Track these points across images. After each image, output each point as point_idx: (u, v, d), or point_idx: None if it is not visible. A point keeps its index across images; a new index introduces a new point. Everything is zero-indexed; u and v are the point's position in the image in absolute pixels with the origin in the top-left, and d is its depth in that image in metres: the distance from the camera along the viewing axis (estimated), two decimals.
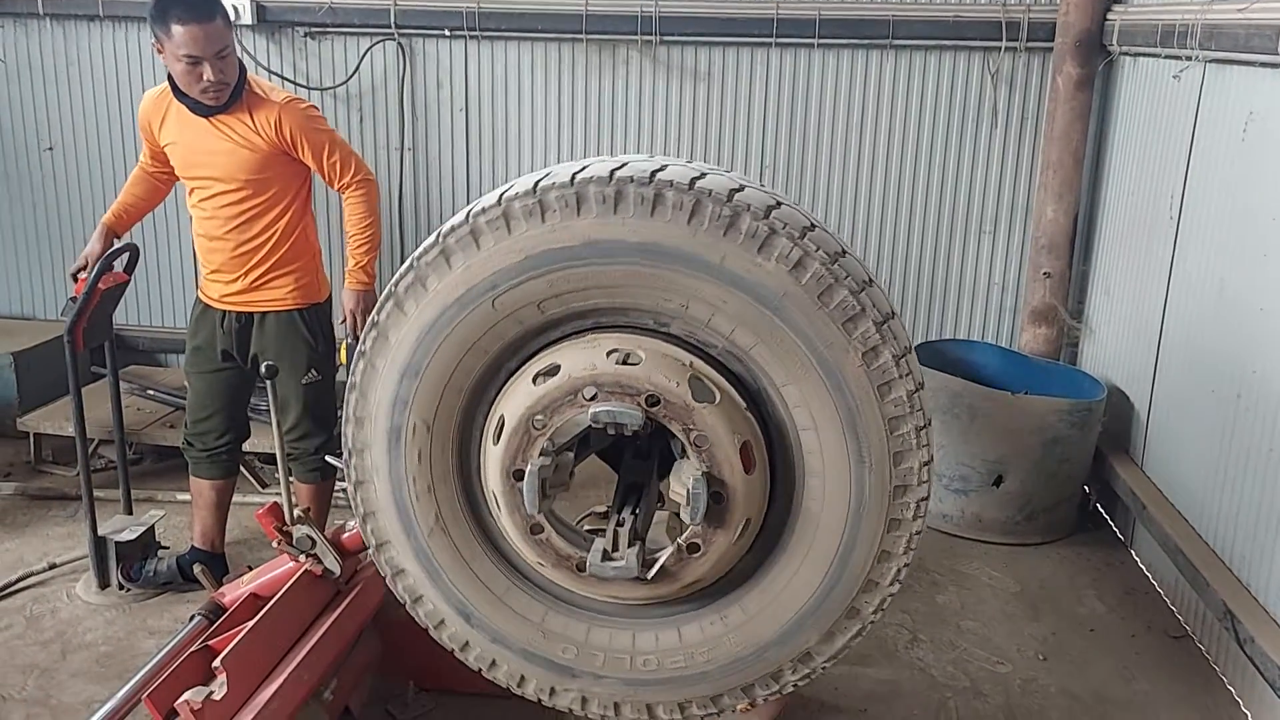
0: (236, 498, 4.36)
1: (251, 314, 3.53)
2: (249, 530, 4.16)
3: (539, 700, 2.41)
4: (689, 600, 2.29)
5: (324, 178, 3.47)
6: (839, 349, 2.03)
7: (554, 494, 2.18)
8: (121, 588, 3.72)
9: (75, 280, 3.59)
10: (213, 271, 3.52)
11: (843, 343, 2.03)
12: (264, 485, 4.68)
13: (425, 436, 2.20)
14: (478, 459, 2.25)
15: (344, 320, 3.54)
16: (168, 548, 3.92)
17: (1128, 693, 3.33)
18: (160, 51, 3.25)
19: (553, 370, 2.09)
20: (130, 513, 3.99)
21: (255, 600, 3.02)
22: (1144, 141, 4.40)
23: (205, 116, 3.34)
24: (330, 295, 3.66)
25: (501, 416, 2.13)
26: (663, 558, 2.16)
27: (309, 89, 5.23)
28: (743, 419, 2.09)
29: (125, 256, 3.64)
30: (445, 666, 3.11)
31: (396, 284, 2.16)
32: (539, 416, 2.08)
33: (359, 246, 3.49)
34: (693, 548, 2.13)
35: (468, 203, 2.50)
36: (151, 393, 5.08)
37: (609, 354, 2.08)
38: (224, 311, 3.55)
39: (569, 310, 2.11)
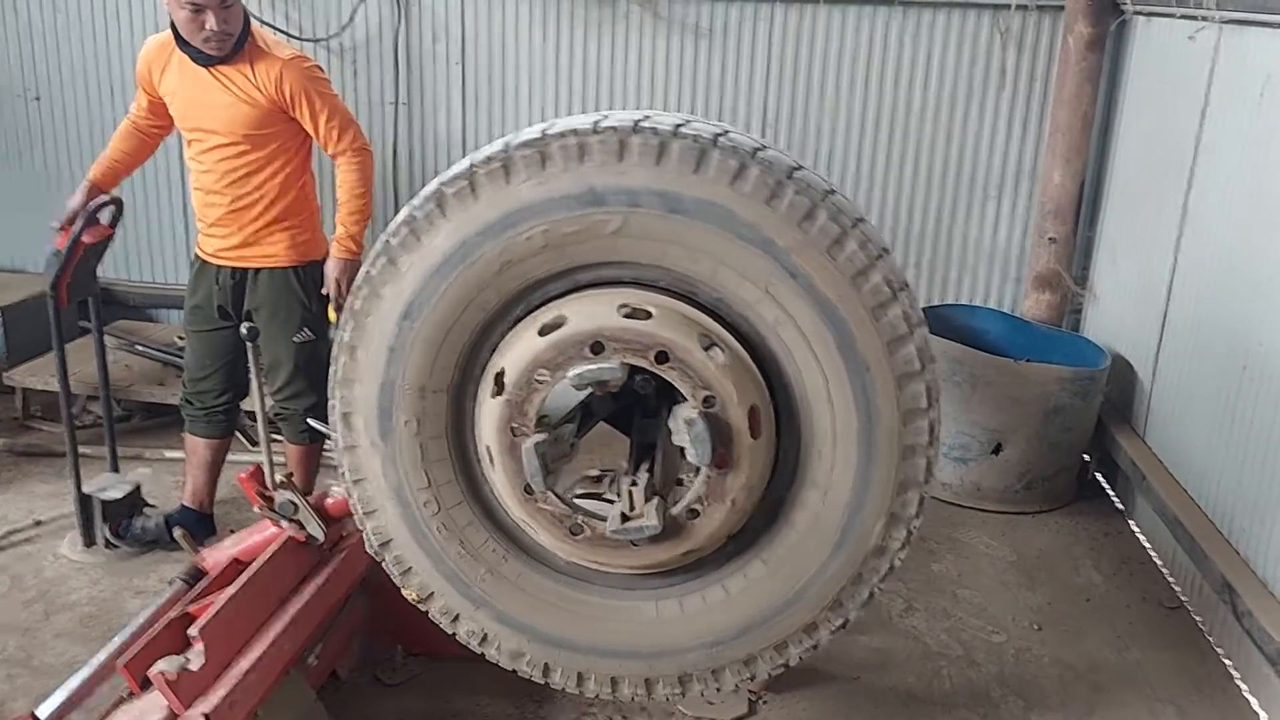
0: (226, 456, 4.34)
1: (246, 270, 3.46)
2: (237, 490, 4.07)
3: (533, 677, 2.35)
4: (692, 569, 2.23)
5: (318, 141, 3.38)
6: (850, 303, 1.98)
7: (557, 467, 2.13)
8: (108, 545, 3.67)
9: (59, 234, 3.50)
10: (210, 226, 3.44)
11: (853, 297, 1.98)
12: (253, 444, 4.62)
13: (418, 398, 2.13)
14: (472, 417, 2.17)
15: (327, 291, 3.46)
16: (155, 506, 3.87)
17: (1121, 662, 3.30)
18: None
19: (559, 322, 2.01)
20: (117, 470, 3.93)
21: (237, 565, 2.96)
22: (1156, 105, 4.31)
23: (206, 67, 3.25)
24: (326, 254, 3.58)
25: (501, 369, 2.04)
26: (681, 505, 2.09)
27: (300, 40, 5.10)
28: (751, 378, 2.03)
29: (110, 210, 3.55)
30: (434, 630, 3.10)
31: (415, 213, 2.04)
32: (543, 370, 2.00)
33: (349, 215, 3.40)
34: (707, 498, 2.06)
35: (464, 157, 2.42)
36: (140, 349, 5.01)
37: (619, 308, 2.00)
38: (219, 267, 3.47)
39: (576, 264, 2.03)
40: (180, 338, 5.16)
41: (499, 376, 2.03)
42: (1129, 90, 4.62)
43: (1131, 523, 4.20)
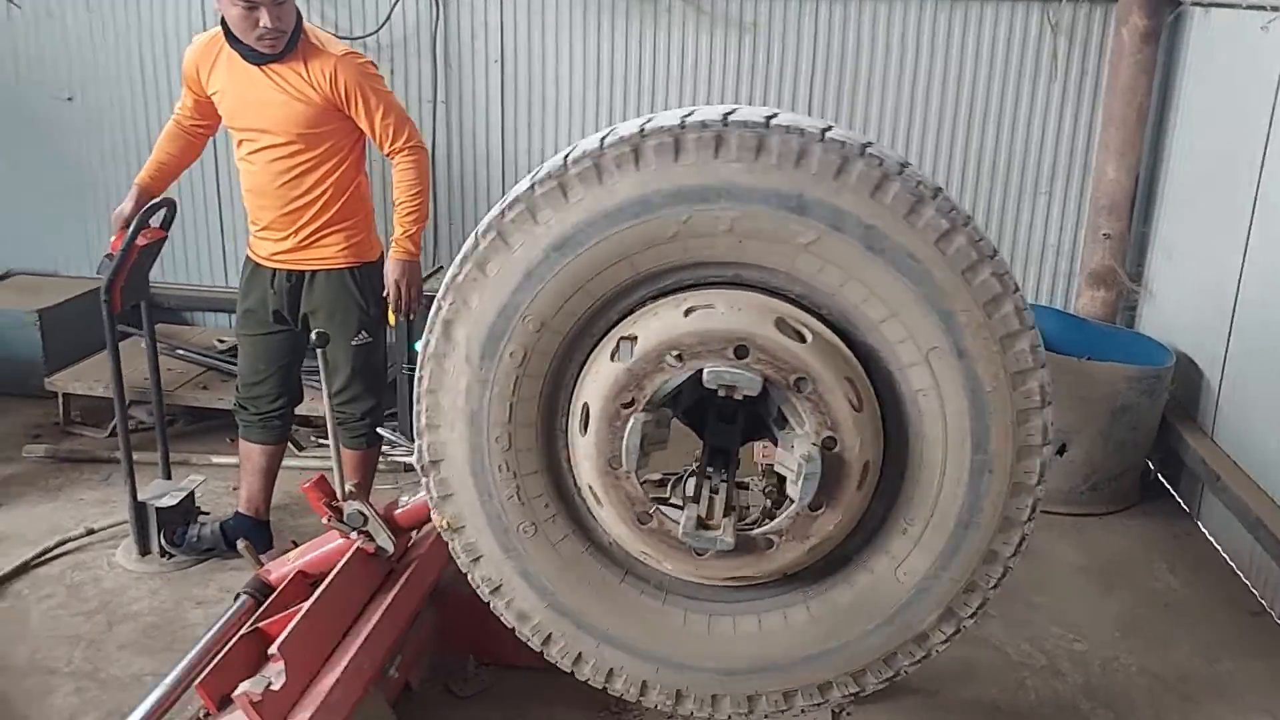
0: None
1: (302, 272, 3.38)
2: (290, 496, 4.02)
3: (626, 696, 2.28)
4: (797, 577, 2.16)
5: (374, 139, 3.29)
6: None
7: (649, 451, 2.04)
8: (163, 554, 3.60)
9: (112, 239, 3.43)
10: (262, 228, 3.36)
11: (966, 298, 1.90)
12: (300, 449, 4.55)
13: (505, 412, 2.04)
14: (565, 449, 2.11)
15: (387, 293, 3.38)
16: (208, 513, 3.79)
17: (1212, 673, 3.22)
18: None
19: (705, 308, 1.93)
20: (169, 477, 3.86)
21: (303, 578, 2.90)
22: (1220, 98, 4.21)
23: (258, 65, 3.17)
24: (382, 255, 3.50)
25: (633, 336, 1.96)
26: (759, 530, 2.03)
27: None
28: (875, 432, 1.96)
29: (162, 212, 3.48)
30: (507, 640, 3.03)
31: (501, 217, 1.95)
32: (676, 353, 1.91)
33: (407, 215, 3.31)
34: (789, 533, 2.01)
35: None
36: (181, 352, 4.94)
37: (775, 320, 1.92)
38: (274, 270, 3.40)
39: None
40: (221, 340, 5.11)
41: (628, 341, 1.94)
42: (1186, 83, 4.53)
43: (1200, 524, 4.11)
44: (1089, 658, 3.27)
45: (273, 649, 2.42)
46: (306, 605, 2.58)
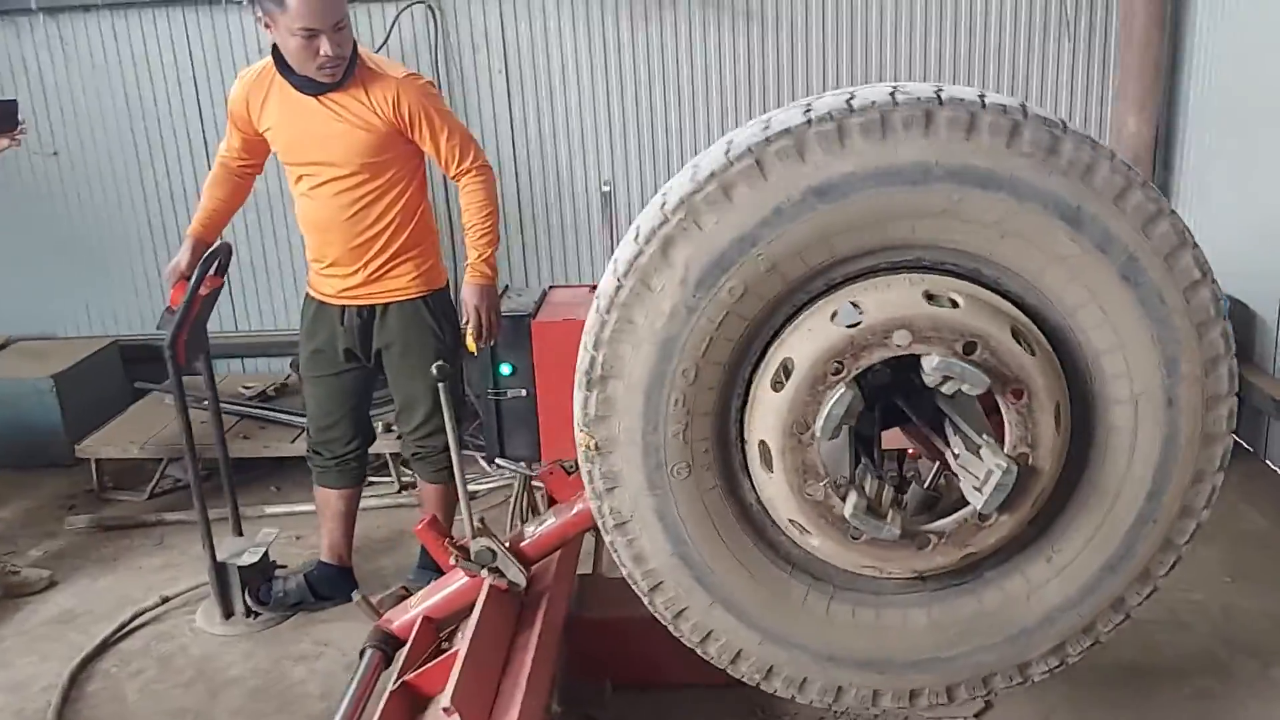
0: (300, 507, 4.16)
1: (373, 306, 3.26)
2: (361, 539, 3.88)
3: (781, 693, 2.21)
4: (971, 569, 2.12)
5: (439, 162, 3.17)
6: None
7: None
8: (248, 614, 3.45)
9: (171, 290, 3.28)
10: (328, 265, 3.23)
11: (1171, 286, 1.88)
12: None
13: (702, 346, 1.93)
14: (740, 398, 2.01)
15: (467, 321, 3.23)
16: (284, 565, 3.65)
17: None
18: (269, 27, 2.94)
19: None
20: (240, 533, 3.71)
21: (431, 625, 2.79)
22: (1242, 40, 4.23)
23: (315, 95, 3.05)
24: (448, 280, 3.40)
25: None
26: (925, 527, 1.99)
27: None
28: (1057, 378, 1.91)
29: (218, 260, 3.34)
30: (639, 661, 2.96)
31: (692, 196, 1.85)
32: (837, 361, 1.85)
33: (481, 238, 3.18)
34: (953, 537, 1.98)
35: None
36: (206, 404, 4.75)
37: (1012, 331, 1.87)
38: (342, 307, 3.27)
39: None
40: (246, 387, 4.94)
41: (854, 307, 1.86)
42: (1202, 25, 4.54)
43: (1269, 463, 4.15)
44: (1208, 606, 3.27)
45: (445, 703, 2.31)
46: (462, 652, 2.47)
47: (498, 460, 3.07)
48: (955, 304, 1.86)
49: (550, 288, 3.65)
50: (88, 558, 3.99)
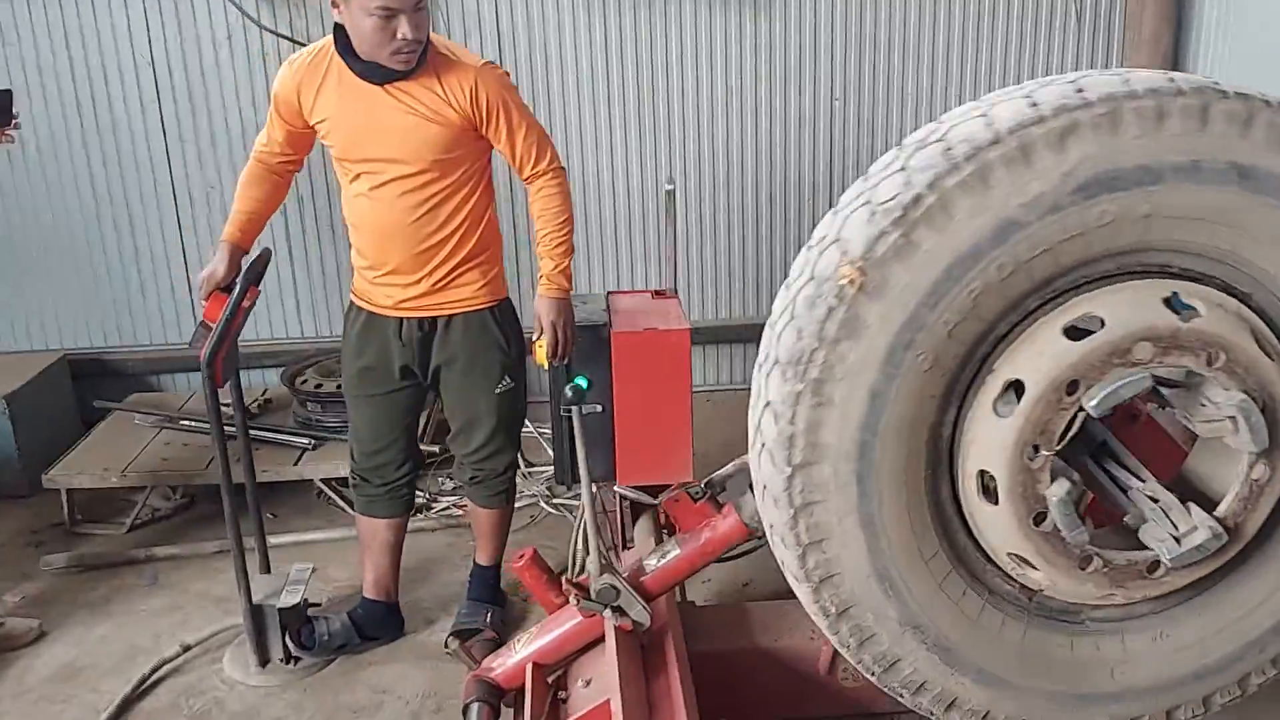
0: (332, 534, 3.83)
1: (435, 318, 2.96)
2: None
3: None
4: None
5: (512, 162, 2.89)
6: None
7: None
8: (287, 660, 3.10)
9: (205, 304, 2.92)
10: (386, 273, 2.90)
11: None
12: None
13: (907, 431, 1.75)
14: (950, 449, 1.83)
15: (539, 336, 2.97)
16: (319, 604, 3.32)
17: None
18: (337, 6, 2.62)
19: (1091, 322, 1.70)
20: (268, 570, 3.34)
21: (542, 673, 2.54)
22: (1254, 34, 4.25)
23: (382, 84, 2.73)
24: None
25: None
26: (1227, 503, 1.82)
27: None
28: None
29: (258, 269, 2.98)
30: (751, 694, 2.77)
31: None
32: (1077, 381, 1.68)
33: (557, 246, 2.92)
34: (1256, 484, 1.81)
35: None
36: (186, 423, 4.34)
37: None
38: (400, 319, 2.96)
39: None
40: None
41: (1094, 319, 1.70)
42: (1210, 24, 4.57)
43: None
44: None
45: None
46: (615, 705, 2.22)
47: (616, 488, 2.80)
48: (1101, 324, 1.71)
49: (611, 293, 3.40)
50: (76, 602, 3.55)
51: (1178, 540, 1.80)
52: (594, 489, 2.45)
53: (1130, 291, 1.76)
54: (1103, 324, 1.72)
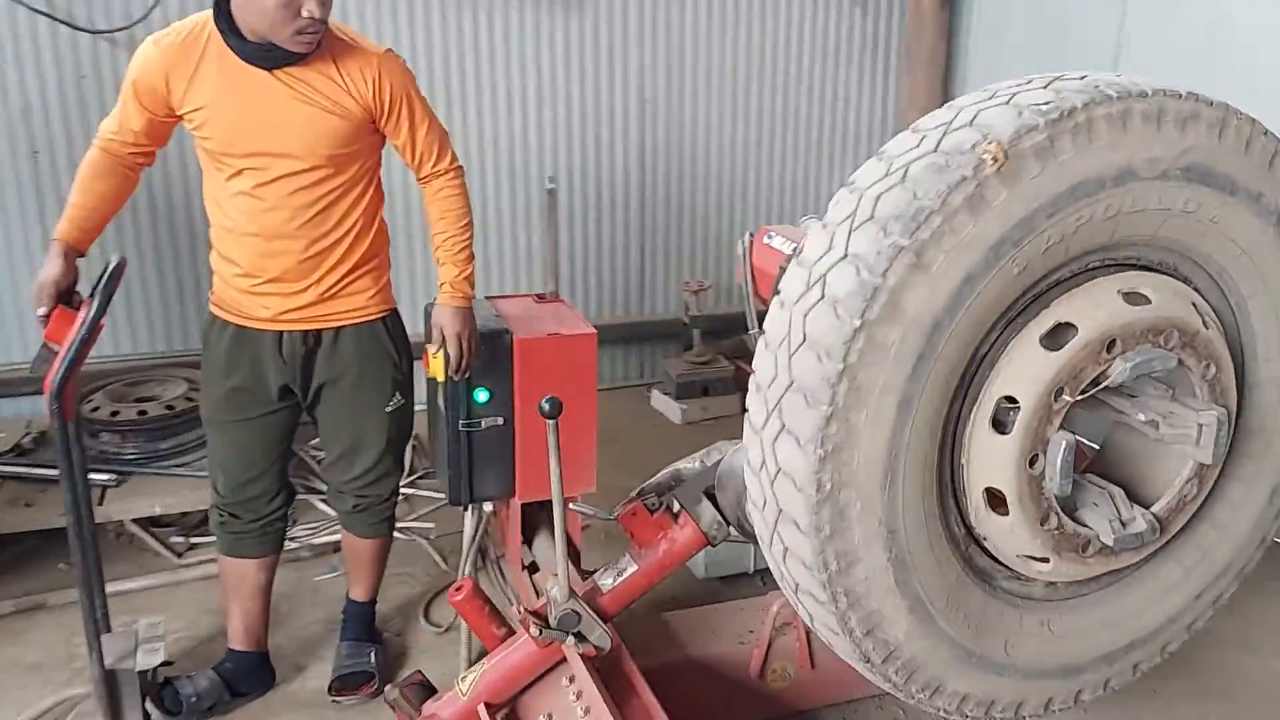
0: (148, 581, 3.42)
1: (321, 331, 2.66)
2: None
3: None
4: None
5: (410, 159, 2.64)
6: None
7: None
8: None
9: (44, 322, 2.45)
10: (267, 281, 2.57)
11: None
12: (179, 556, 3.61)
13: (925, 441, 1.77)
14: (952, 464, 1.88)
15: (438, 348, 2.73)
16: (172, 662, 2.90)
17: None
18: None
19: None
20: (108, 628, 2.86)
21: (491, 711, 2.36)
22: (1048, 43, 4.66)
23: (270, 69, 2.42)
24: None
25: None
26: (1165, 502, 1.98)
27: (78, 31, 4.01)
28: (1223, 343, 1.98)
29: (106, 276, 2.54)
30: (690, 709, 2.71)
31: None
32: (1068, 388, 1.76)
33: (460, 251, 2.68)
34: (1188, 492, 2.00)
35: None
36: None
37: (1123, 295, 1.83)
38: (280, 333, 2.63)
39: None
40: None
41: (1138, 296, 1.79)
42: (983, 39, 4.97)
43: None
44: None
45: None
46: None
47: (579, 507, 2.56)
48: (1148, 299, 1.84)
49: (490, 299, 3.20)
50: None
51: (1123, 525, 1.91)
52: (564, 508, 2.27)
53: (1093, 292, 1.84)
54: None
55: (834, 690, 2.88)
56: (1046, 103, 1.65)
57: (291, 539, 3.61)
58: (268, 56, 2.40)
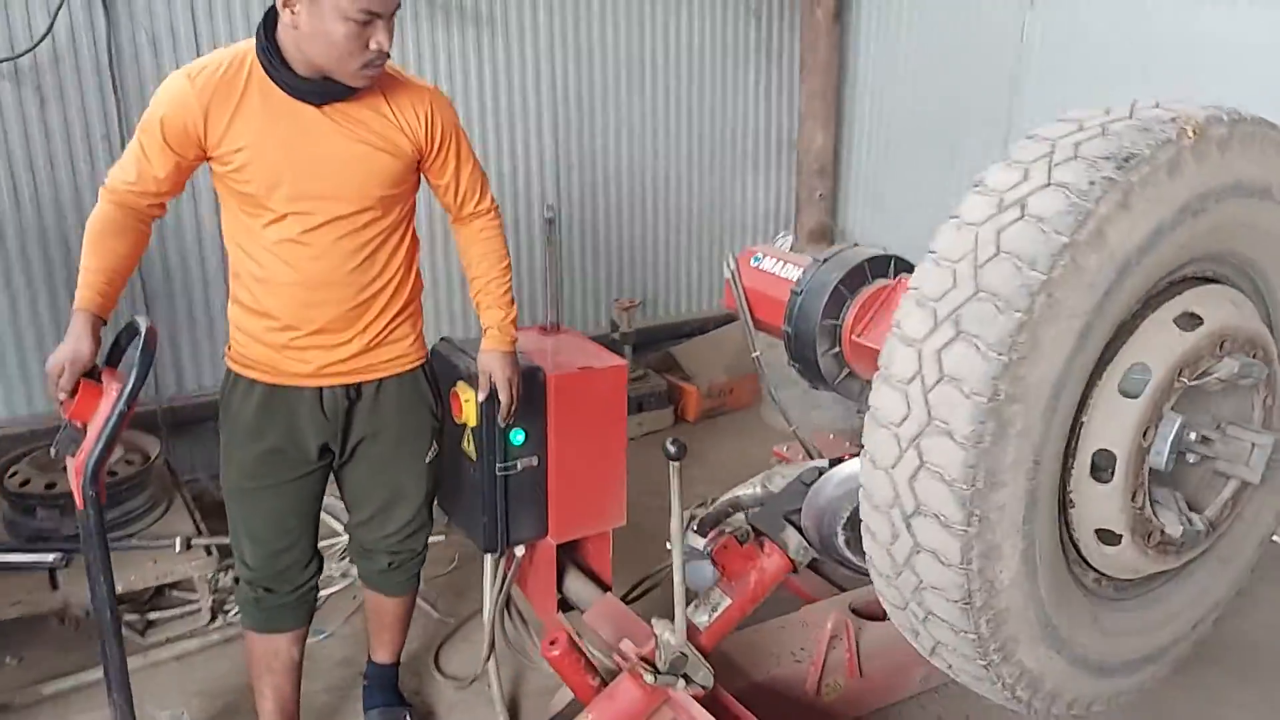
0: (85, 676, 3.08)
1: (362, 384, 2.48)
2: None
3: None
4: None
5: (453, 198, 2.51)
6: None
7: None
8: None
9: (68, 402, 2.18)
10: (310, 333, 2.36)
11: None
12: (142, 634, 3.29)
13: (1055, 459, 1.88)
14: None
15: (485, 393, 2.60)
16: None
17: None
18: (291, 8, 2.10)
19: (1194, 319, 1.94)
20: None
21: None
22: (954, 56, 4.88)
23: (319, 105, 2.24)
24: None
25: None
26: (1214, 510, 2.13)
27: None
28: None
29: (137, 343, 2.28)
30: None
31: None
32: (1186, 371, 1.91)
33: (505, 294, 2.57)
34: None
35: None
36: None
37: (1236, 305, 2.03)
38: (322, 389, 2.44)
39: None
40: None
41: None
42: (870, 52, 5.18)
43: None
44: None
45: None
46: None
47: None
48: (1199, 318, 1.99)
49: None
50: None
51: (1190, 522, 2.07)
52: (684, 550, 2.22)
53: (1208, 296, 2.02)
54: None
55: (880, 696, 2.96)
56: (1217, 108, 1.80)
57: None
58: (322, 92, 2.22)
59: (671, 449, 2.08)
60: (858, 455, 2.83)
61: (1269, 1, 3.68)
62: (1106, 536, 1.99)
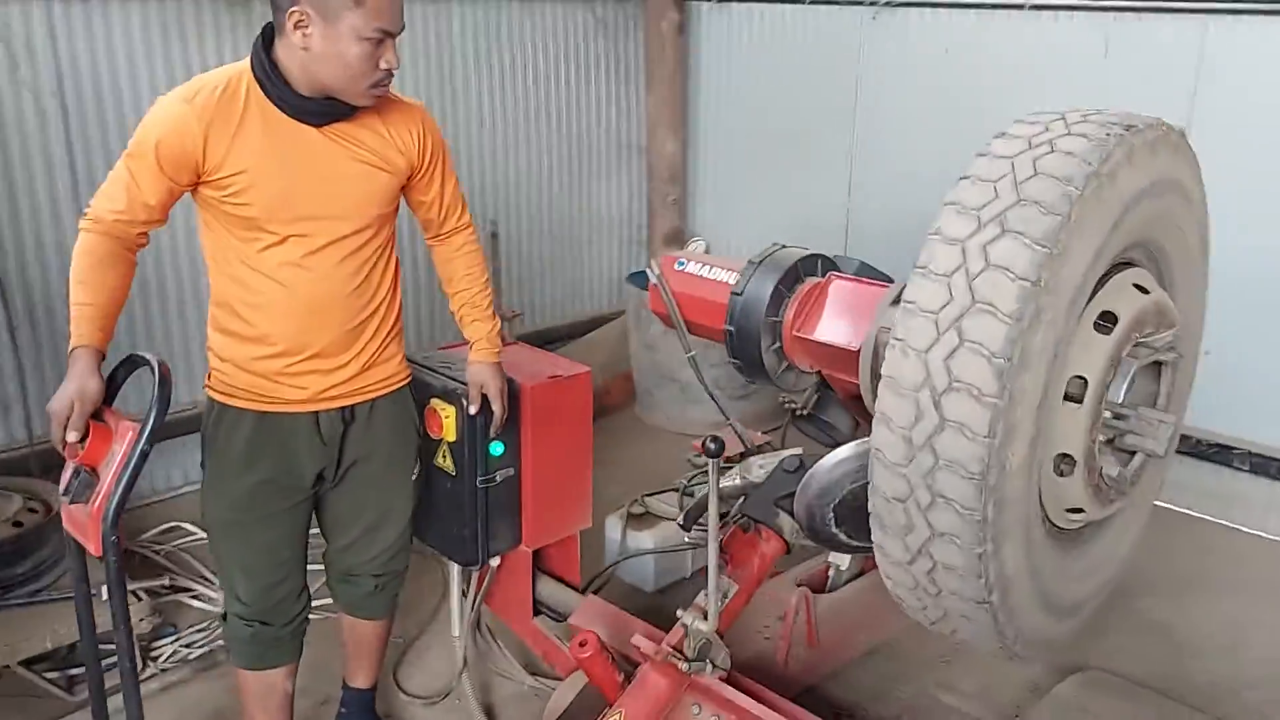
0: None
1: (355, 406, 2.46)
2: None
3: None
4: None
5: (434, 215, 2.53)
6: None
7: None
8: None
9: (80, 445, 2.06)
10: (308, 358, 2.33)
11: None
12: (69, 691, 3.07)
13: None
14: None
15: (477, 412, 2.66)
16: None
17: None
18: (304, 28, 2.07)
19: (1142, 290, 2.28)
20: None
21: None
22: (802, 70, 5.17)
23: (320, 125, 2.21)
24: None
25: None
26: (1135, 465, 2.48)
27: None
28: None
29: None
30: None
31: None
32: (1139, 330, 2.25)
33: (488, 306, 2.62)
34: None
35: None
36: None
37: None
38: (318, 414, 2.40)
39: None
40: None
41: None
42: (712, 65, 5.44)
43: None
44: None
45: None
46: None
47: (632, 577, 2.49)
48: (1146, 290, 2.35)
49: (442, 348, 3.07)
50: None
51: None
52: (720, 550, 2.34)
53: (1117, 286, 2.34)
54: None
55: (831, 661, 3.18)
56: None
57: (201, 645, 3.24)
58: (324, 112, 2.20)
59: (711, 446, 2.21)
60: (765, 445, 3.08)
61: (1087, 16, 4.18)
62: (1064, 463, 2.22)
